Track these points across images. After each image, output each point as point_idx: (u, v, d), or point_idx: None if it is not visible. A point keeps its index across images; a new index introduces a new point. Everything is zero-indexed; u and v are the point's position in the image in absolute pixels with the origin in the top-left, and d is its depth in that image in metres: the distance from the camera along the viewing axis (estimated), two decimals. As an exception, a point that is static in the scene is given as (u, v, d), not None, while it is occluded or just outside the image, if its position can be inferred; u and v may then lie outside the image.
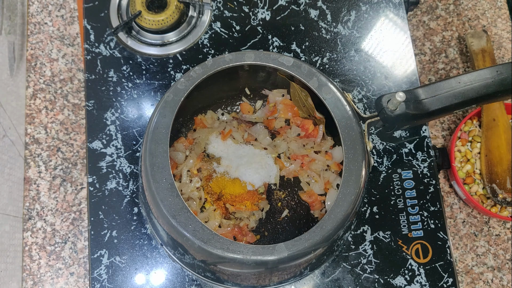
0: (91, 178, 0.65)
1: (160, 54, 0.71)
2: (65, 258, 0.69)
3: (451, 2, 0.85)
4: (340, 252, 0.63)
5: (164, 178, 0.51)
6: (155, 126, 0.53)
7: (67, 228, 0.70)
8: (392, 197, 0.66)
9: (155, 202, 0.50)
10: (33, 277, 0.68)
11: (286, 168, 0.64)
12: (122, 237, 0.63)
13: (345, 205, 0.50)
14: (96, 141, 0.67)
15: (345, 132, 0.53)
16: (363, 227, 0.65)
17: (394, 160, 0.68)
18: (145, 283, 0.62)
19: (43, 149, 0.73)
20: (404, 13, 0.74)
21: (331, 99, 0.55)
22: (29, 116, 0.74)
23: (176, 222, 0.49)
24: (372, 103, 0.70)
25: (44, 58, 0.77)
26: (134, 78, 0.70)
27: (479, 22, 0.83)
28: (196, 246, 0.49)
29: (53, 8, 0.80)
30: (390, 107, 0.49)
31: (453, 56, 0.81)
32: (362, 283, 0.63)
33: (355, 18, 0.74)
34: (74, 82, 0.76)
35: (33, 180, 0.72)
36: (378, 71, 0.72)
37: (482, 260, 0.72)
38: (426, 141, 0.69)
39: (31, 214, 0.70)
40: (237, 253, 0.48)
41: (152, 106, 0.69)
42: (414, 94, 0.50)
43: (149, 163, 0.51)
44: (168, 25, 0.70)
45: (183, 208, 0.50)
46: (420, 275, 0.64)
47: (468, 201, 0.71)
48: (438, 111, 0.50)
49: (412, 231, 0.65)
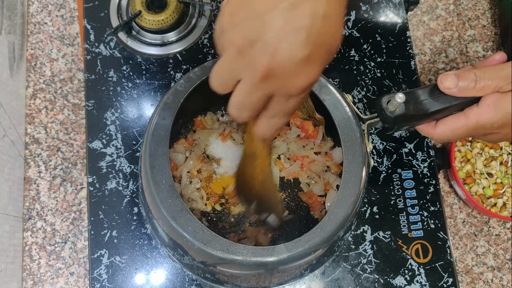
0: (91, 178, 0.65)
1: (160, 54, 0.71)
2: (65, 258, 0.69)
3: (451, 2, 0.84)
4: (340, 252, 0.63)
5: (164, 180, 0.51)
6: (155, 128, 0.53)
7: (67, 228, 0.70)
8: (392, 197, 0.66)
9: (155, 203, 0.50)
10: (33, 277, 0.68)
11: (286, 169, 0.64)
12: (122, 237, 0.63)
13: (345, 206, 0.50)
14: (96, 141, 0.67)
15: (344, 133, 0.53)
16: (363, 227, 0.65)
17: (394, 160, 0.68)
18: (145, 283, 0.62)
19: (43, 149, 0.73)
20: (404, 13, 0.74)
21: (331, 100, 0.55)
22: (29, 116, 0.74)
23: (176, 224, 0.49)
24: (372, 103, 0.70)
25: (44, 58, 0.77)
26: (134, 78, 0.70)
27: (479, 22, 0.83)
28: (196, 248, 0.49)
29: (53, 8, 0.80)
30: (390, 108, 0.49)
31: (453, 56, 0.81)
32: (362, 283, 0.63)
33: (355, 18, 0.74)
34: (74, 82, 0.76)
35: (33, 180, 0.72)
36: (378, 71, 0.71)
37: (482, 260, 0.72)
38: (426, 141, 0.69)
39: (31, 214, 0.70)
40: (237, 255, 0.48)
41: (152, 106, 0.69)
42: (414, 95, 0.50)
43: (149, 164, 0.51)
44: (168, 25, 0.70)
45: (183, 209, 0.50)
46: (420, 275, 0.64)
47: (468, 201, 0.71)
48: (438, 112, 0.50)
49: (412, 231, 0.65)
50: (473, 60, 0.81)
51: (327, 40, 0.39)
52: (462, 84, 0.48)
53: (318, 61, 0.39)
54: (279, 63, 0.37)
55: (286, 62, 0.37)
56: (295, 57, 0.37)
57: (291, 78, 0.38)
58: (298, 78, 0.39)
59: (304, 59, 0.38)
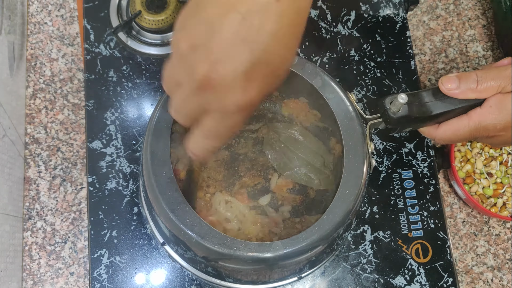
0: (91, 178, 0.65)
1: (160, 54, 0.71)
2: (65, 258, 0.69)
3: (451, 2, 0.85)
4: (340, 252, 0.64)
5: (164, 172, 0.51)
6: (157, 120, 0.53)
7: (67, 228, 0.70)
8: (392, 197, 0.66)
9: (155, 196, 0.50)
10: (33, 277, 0.68)
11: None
12: (122, 237, 0.63)
13: (344, 205, 0.50)
14: (96, 141, 0.67)
15: (346, 133, 0.53)
16: (363, 227, 0.65)
17: (394, 160, 0.68)
18: (145, 283, 0.62)
19: (43, 149, 0.73)
20: (404, 13, 0.74)
21: (334, 99, 0.55)
22: (29, 116, 0.74)
23: (175, 216, 0.49)
24: (372, 103, 0.70)
25: (44, 58, 0.77)
26: (134, 78, 0.70)
27: (479, 22, 0.83)
28: (194, 241, 0.49)
29: (53, 8, 0.80)
30: (393, 109, 0.49)
31: (453, 56, 0.81)
32: (362, 283, 0.63)
33: (355, 18, 0.74)
34: (74, 82, 0.76)
35: (33, 180, 0.72)
36: (378, 71, 0.72)
37: (482, 260, 0.72)
38: (426, 141, 0.69)
39: (31, 214, 0.70)
40: (234, 249, 0.48)
41: (152, 106, 0.69)
42: (418, 96, 0.50)
43: (150, 157, 0.51)
44: (168, 25, 0.70)
45: (182, 202, 0.50)
46: (420, 275, 0.64)
47: (468, 201, 0.71)
48: (441, 115, 0.50)
49: (412, 231, 0.65)
50: (473, 60, 0.81)
51: (274, 60, 0.37)
52: (463, 85, 0.48)
53: (260, 80, 0.37)
54: (217, 73, 0.36)
55: (225, 74, 0.36)
56: (235, 70, 0.35)
57: (228, 93, 0.36)
58: (235, 94, 0.37)
59: (245, 75, 0.36)
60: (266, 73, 0.37)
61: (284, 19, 0.36)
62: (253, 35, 0.35)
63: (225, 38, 0.35)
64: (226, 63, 0.35)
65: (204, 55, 0.36)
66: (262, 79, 0.37)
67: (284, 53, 0.37)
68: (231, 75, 0.36)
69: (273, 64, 0.37)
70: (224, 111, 0.38)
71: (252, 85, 0.37)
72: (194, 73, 0.36)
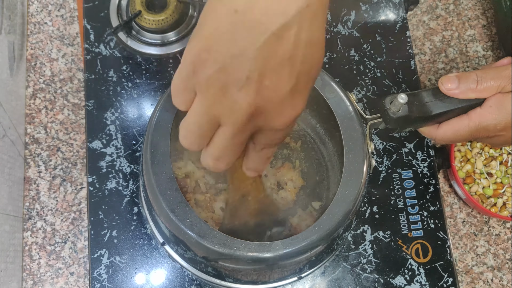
0: (91, 178, 0.65)
1: (160, 54, 0.71)
2: (65, 258, 0.69)
3: (451, 2, 0.85)
4: (340, 252, 0.64)
5: (164, 171, 0.51)
6: (157, 119, 0.53)
7: (67, 228, 0.70)
8: (392, 197, 0.66)
9: (155, 195, 0.50)
10: (33, 277, 0.68)
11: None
12: (122, 237, 0.63)
13: (343, 205, 0.50)
14: (96, 141, 0.67)
15: (346, 133, 0.53)
16: (363, 226, 0.65)
17: (394, 160, 0.68)
18: (145, 283, 0.62)
19: (43, 149, 0.73)
20: (404, 13, 0.74)
21: (334, 98, 0.55)
22: (29, 116, 0.74)
23: (175, 216, 0.49)
24: (372, 103, 0.70)
25: (44, 58, 0.77)
26: (134, 78, 0.70)
27: (479, 22, 0.83)
28: (193, 241, 0.49)
29: (53, 8, 0.80)
30: (393, 109, 0.49)
31: (453, 56, 0.81)
32: (362, 282, 0.63)
33: (355, 18, 0.74)
34: (74, 82, 0.76)
35: (33, 180, 0.72)
36: (378, 71, 0.72)
37: (482, 260, 0.72)
38: (426, 141, 0.69)
39: (31, 214, 0.70)
40: (234, 249, 0.48)
41: (152, 106, 0.69)
42: (418, 96, 0.50)
43: (150, 157, 0.51)
44: (168, 24, 0.70)
45: (182, 202, 0.50)
46: (420, 275, 0.64)
47: (468, 201, 0.71)
48: (441, 115, 0.50)
49: (412, 231, 0.65)
50: (473, 60, 0.81)
51: (312, 66, 0.36)
52: (463, 85, 0.48)
53: (304, 89, 0.37)
54: (264, 99, 0.34)
55: (272, 98, 0.35)
56: (280, 91, 0.34)
57: (277, 114, 0.36)
58: (284, 113, 0.36)
59: (291, 91, 0.35)
60: (307, 80, 0.36)
61: (315, 22, 0.35)
62: (290, 50, 0.34)
63: (262, 63, 0.33)
64: (270, 88, 0.34)
65: (246, 87, 0.34)
66: (305, 88, 0.37)
67: (319, 54, 0.37)
68: (278, 97, 0.35)
69: (311, 70, 0.36)
70: (276, 129, 0.38)
71: (298, 97, 0.36)
72: (239, 107, 0.34)
